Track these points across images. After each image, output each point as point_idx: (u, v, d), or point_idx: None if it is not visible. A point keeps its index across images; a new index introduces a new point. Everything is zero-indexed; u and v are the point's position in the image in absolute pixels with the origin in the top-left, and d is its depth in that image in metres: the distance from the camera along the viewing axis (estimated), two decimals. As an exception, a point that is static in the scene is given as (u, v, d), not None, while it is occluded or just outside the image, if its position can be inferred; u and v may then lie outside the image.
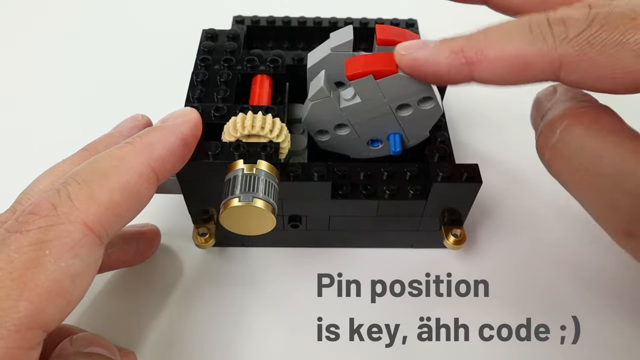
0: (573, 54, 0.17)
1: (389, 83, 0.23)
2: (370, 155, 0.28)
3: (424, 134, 0.26)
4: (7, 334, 0.15)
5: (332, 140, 0.27)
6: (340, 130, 0.26)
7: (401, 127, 0.26)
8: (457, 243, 0.27)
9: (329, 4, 0.39)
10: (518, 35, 0.18)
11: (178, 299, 0.27)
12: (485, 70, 0.19)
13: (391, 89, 0.23)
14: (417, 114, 0.25)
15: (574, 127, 0.18)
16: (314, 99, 0.25)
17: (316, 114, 0.26)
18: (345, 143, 0.27)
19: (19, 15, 0.44)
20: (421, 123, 0.25)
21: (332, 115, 0.25)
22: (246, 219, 0.22)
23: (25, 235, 0.17)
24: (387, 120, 0.25)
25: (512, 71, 0.18)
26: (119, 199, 0.18)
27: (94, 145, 0.24)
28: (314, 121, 0.26)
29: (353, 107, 0.25)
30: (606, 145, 0.18)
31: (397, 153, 0.26)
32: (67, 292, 0.17)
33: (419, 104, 0.24)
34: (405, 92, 0.24)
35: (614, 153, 0.17)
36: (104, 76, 0.39)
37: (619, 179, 0.17)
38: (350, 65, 0.24)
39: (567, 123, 0.19)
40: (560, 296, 0.28)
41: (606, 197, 0.18)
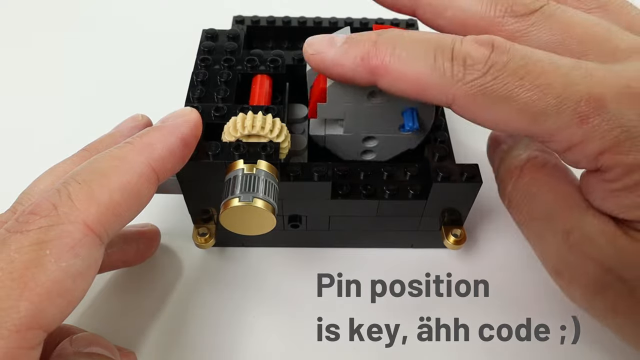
0: (465, 96, 0.18)
1: (333, 96, 0.24)
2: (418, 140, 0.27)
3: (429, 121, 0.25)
4: (8, 334, 0.15)
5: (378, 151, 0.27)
6: (370, 142, 0.26)
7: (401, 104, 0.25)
8: (457, 243, 0.27)
9: (329, 4, 0.39)
10: (423, 61, 0.19)
11: (178, 298, 0.27)
12: (387, 83, 0.20)
13: (341, 96, 0.24)
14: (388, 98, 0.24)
15: (522, 179, 0.21)
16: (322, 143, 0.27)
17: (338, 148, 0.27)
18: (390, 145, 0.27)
19: (19, 15, 0.44)
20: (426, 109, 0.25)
21: (347, 141, 0.26)
22: (246, 219, 0.22)
23: (26, 235, 0.17)
24: (382, 109, 0.25)
25: (412, 91, 0.19)
26: (120, 199, 0.18)
27: (95, 145, 0.24)
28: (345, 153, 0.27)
29: (347, 125, 0.26)
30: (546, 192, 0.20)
31: (412, 129, 0.25)
32: (67, 292, 0.17)
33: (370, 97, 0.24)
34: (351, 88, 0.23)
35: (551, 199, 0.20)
36: (104, 76, 0.39)
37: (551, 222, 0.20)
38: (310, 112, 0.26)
39: (518, 175, 0.21)
40: (560, 296, 0.27)
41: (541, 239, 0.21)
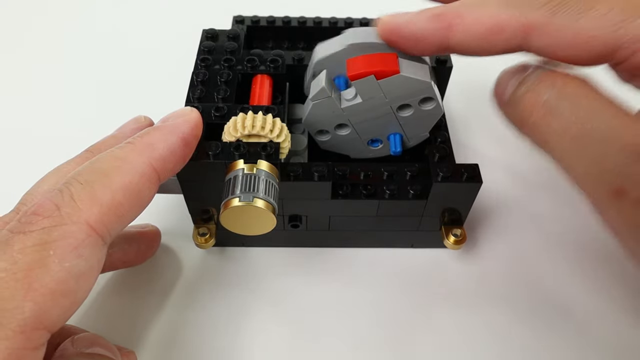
0: (541, 20, 0.18)
1: (390, 83, 0.23)
2: (370, 155, 0.28)
3: (423, 134, 0.26)
4: (12, 334, 0.15)
5: (332, 140, 0.27)
6: (341, 130, 0.26)
7: (401, 127, 0.26)
8: (457, 243, 0.27)
9: (329, 4, 0.39)
10: (494, 2, 0.19)
11: (178, 298, 0.27)
12: (461, 33, 0.20)
13: (393, 89, 0.24)
14: (418, 114, 0.25)
15: (568, 85, 0.18)
16: (315, 99, 0.25)
17: (317, 114, 0.26)
18: (345, 143, 0.27)
19: (19, 15, 0.44)
20: (422, 123, 0.25)
21: (333, 115, 0.25)
22: (246, 218, 0.22)
23: (29, 236, 0.17)
24: (388, 120, 0.25)
25: (486, 35, 0.19)
26: (122, 199, 0.18)
27: (98, 146, 0.24)
28: (314, 121, 0.26)
29: (354, 107, 0.25)
30: (599, 104, 0.18)
31: (397, 153, 0.26)
32: (71, 293, 0.17)
33: (420, 104, 0.24)
34: (407, 92, 0.24)
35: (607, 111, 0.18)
36: (104, 76, 0.39)
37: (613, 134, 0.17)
38: (352, 66, 0.24)
39: (561, 81, 0.19)
40: (560, 295, 0.28)
41: (598, 154, 0.18)
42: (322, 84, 0.24)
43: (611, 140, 0.17)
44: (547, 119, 0.18)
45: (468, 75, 0.34)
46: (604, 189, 0.18)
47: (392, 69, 0.23)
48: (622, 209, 0.17)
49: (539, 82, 0.19)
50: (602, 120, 0.17)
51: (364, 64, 0.24)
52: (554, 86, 0.19)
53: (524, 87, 0.20)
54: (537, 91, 0.19)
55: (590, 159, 0.18)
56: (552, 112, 0.18)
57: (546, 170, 0.33)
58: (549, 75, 0.19)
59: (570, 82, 0.19)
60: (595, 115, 0.18)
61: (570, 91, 0.18)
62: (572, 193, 0.32)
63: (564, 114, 0.18)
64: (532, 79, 0.20)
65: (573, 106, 0.18)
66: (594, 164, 0.18)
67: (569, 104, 0.18)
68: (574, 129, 0.18)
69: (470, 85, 0.37)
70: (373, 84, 0.23)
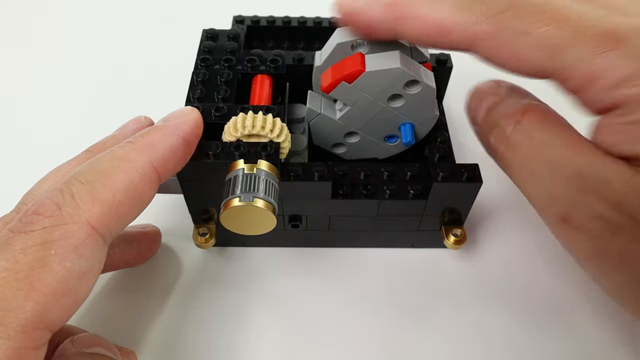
0: (487, 32, 0.19)
1: (363, 82, 0.24)
2: (395, 151, 0.28)
3: (433, 115, 0.26)
4: (14, 334, 0.15)
5: (350, 149, 0.27)
6: (351, 138, 0.27)
7: (405, 117, 0.25)
8: (457, 243, 0.27)
9: (329, 4, 0.39)
10: (448, 3, 0.19)
11: (178, 298, 0.27)
12: (410, 28, 0.20)
13: (369, 86, 0.24)
14: (411, 99, 0.24)
15: (529, 119, 0.20)
16: (309, 119, 0.26)
17: (320, 132, 0.26)
18: (363, 148, 0.27)
19: (19, 15, 0.44)
20: (422, 105, 0.25)
21: (335, 128, 0.26)
22: (247, 218, 0.22)
23: (30, 236, 0.17)
24: (389, 114, 0.25)
25: (433, 35, 0.20)
26: (122, 198, 0.18)
27: (99, 146, 0.24)
28: (322, 137, 0.27)
29: (347, 114, 0.25)
30: (552, 135, 0.19)
31: (410, 143, 0.26)
32: (72, 292, 0.17)
33: (406, 89, 0.24)
34: (384, 84, 0.24)
35: (558, 142, 0.19)
36: (104, 76, 0.39)
37: (559, 165, 0.19)
38: (324, 79, 0.25)
39: (524, 117, 0.20)
40: (561, 295, 0.28)
41: (547, 184, 0.19)
42: (307, 105, 0.25)
43: (558, 171, 0.19)
44: (509, 152, 0.20)
45: (468, 76, 0.34)
46: (554, 216, 0.19)
47: (357, 69, 0.23)
48: (569, 234, 0.19)
49: (506, 116, 0.21)
50: (553, 152, 0.19)
51: (333, 73, 0.24)
52: (516, 122, 0.20)
53: (494, 117, 0.21)
54: (504, 126, 0.21)
55: (543, 188, 0.19)
56: (512, 146, 0.20)
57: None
58: (515, 110, 0.20)
59: (531, 116, 0.20)
60: (547, 147, 0.19)
61: (529, 125, 0.20)
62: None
63: (521, 147, 0.20)
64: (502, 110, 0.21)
65: (529, 140, 0.20)
66: (545, 193, 0.19)
67: (526, 138, 0.20)
68: (529, 161, 0.20)
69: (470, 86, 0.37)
70: (349, 89, 0.24)
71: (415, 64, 0.24)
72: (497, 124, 0.21)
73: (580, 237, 0.19)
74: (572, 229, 0.19)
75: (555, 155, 0.19)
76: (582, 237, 0.19)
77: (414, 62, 0.24)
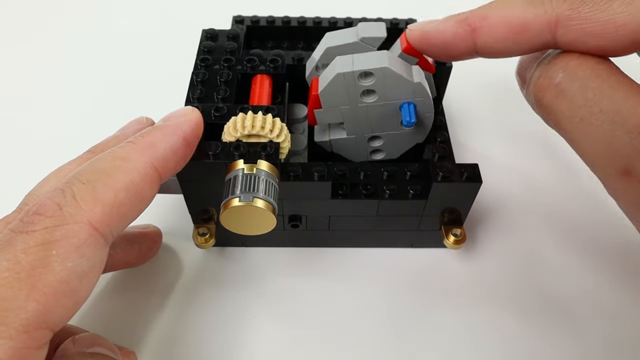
0: (566, 13, 0.18)
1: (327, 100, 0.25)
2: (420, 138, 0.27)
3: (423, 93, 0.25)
4: (16, 334, 0.16)
5: (386, 149, 0.27)
6: (376, 142, 0.27)
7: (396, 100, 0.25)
8: (457, 243, 0.27)
9: (329, 4, 0.39)
10: (518, 2, 0.19)
11: (178, 298, 0.27)
12: (487, 34, 0.20)
13: (335, 99, 0.25)
14: (381, 87, 0.24)
15: (581, 66, 0.19)
16: (331, 150, 0.27)
17: (347, 153, 0.27)
18: (396, 141, 0.27)
19: (19, 15, 0.44)
20: (400, 89, 0.24)
21: (353, 143, 0.27)
22: (246, 218, 0.22)
23: (32, 236, 0.17)
24: (383, 108, 0.25)
25: (511, 35, 0.19)
26: (124, 198, 0.18)
27: (100, 147, 0.24)
28: (354, 155, 0.27)
29: (349, 128, 0.26)
30: (610, 85, 0.18)
31: (411, 124, 0.24)
32: (74, 292, 0.17)
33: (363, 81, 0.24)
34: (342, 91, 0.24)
35: (617, 92, 0.18)
36: (104, 76, 0.39)
37: (620, 116, 0.17)
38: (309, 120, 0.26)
39: (574, 62, 0.19)
40: (560, 294, 0.28)
41: (606, 135, 0.18)
42: (315, 139, 0.27)
43: (619, 122, 0.17)
44: (558, 101, 0.19)
45: (468, 76, 0.34)
46: (612, 169, 0.18)
47: (313, 95, 0.25)
48: (630, 188, 0.18)
49: (553, 64, 0.19)
50: (611, 102, 0.18)
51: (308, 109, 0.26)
52: (566, 68, 0.19)
53: (540, 68, 0.20)
54: (550, 73, 0.19)
55: (599, 140, 0.18)
56: (563, 94, 0.19)
57: (546, 169, 0.33)
58: (563, 57, 0.19)
59: (583, 64, 0.19)
60: (604, 97, 0.18)
61: (582, 73, 0.18)
62: (572, 192, 0.32)
63: (574, 97, 0.18)
64: (547, 60, 0.20)
65: (583, 88, 0.18)
66: (602, 145, 0.18)
67: (579, 86, 0.18)
68: (583, 111, 0.18)
69: (470, 86, 0.37)
70: (324, 112, 0.25)
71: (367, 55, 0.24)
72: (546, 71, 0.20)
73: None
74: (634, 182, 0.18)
75: (615, 106, 0.18)
76: None
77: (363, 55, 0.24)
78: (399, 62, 0.24)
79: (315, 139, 0.27)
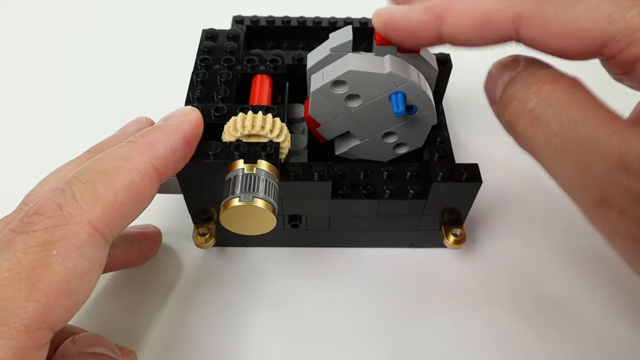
0: (531, 10, 0.18)
1: (318, 114, 0.25)
2: None
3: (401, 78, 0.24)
4: (16, 334, 0.16)
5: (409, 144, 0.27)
6: (389, 138, 0.27)
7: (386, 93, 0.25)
8: (457, 243, 0.27)
9: (329, 4, 0.39)
10: None
11: (178, 298, 0.27)
12: (451, 25, 0.19)
13: (324, 113, 0.25)
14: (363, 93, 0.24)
15: (555, 91, 0.18)
16: (354, 157, 0.27)
17: (370, 154, 0.27)
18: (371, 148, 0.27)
19: (19, 15, 0.44)
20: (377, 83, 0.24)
21: (372, 144, 0.27)
22: (246, 218, 0.22)
23: (32, 236, 0.17)
24: (376, 106, 0.25)
25: (475, 26, 0.19)
26: (124, 198, 0.18)
27: (100, 147, 0.24)
28: (376, 154, 0.27)
29: (358, 134, 0.26)
30: (584, 112, 0.17)
31: (401, 113, 0.24)
32: (74, 292, 0.17)
33: (336, 89, 0.24)
34: (326, 107, 0.25)
35: (591, 119, 0.17)
36: (104, 76, 0.39)
37: (594, 145, 0.17)
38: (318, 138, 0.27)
39: (548, 87, 0.18)
40: (560, 294, 0.28)
41: (581, 164, 0.17)
42: (336, 153, 0.28)
43: (594, 151, 0.17)
44: (532, 128, 0.18)
45: (468, 75, 0.34)
46: (589, 198, 0.18)
47: (306, 117, 0.26)
48: (607, 217, 0.17)
49: (526, 88, 0.19)
50: (586, 130, 0.17)
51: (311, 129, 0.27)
52: (539, 93, 0.18)
53: (512, 90, 0.19)
54: (523, 98, 0.19)
55: (575, 169, 0.18)
56: (537, 120, 0.18)
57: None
58: (536, 81, 0.18)
59: (557, 89, 0.18)
60: (579, 124, 0.17)
61: (556, 99, 0.18)
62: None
63: (548, 123, 0.18)
64: (520, 82, 0.19)
65: (557, 115, 0.18)
66: (578, 174, 0.18)
67: (554, 113, 0.18)
68: (558, 139, 0.18)
69: (470, 85, 0.37)
70: (325, 127, 0.26)
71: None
72: (519, 97, 0.19)
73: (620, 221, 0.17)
74: (611, 212, 0.17)
75: (589, 134, 0.17)
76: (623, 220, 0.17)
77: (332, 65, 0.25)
78: (365, 60, 0.24)
79: (336, 152, 0.27)
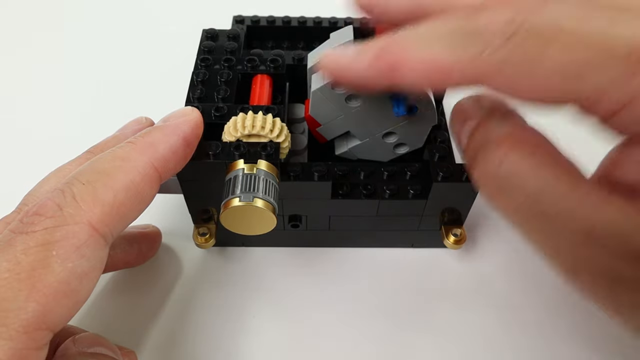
0: (491, 69, 0.16)
1: (319, 114, 0.25)
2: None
3: None
4: (16, 334, 0.16)
5: (410, 144, 0.27)
6: (390, 138, 0.26)
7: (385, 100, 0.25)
8: (457, 243, 0.27)
9: (328, 4, 0.39)
10: (439, 43, 0.17)
11: (178, 298, 0.27)
12: (407, 77, 0.18)
13: (326, 113, 0.25)
14: None
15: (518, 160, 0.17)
16: (355, 157, 0.27)
17: (372, 154, 0.27)
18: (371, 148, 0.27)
19: (19, 15, 0.44)
20: None
21: (374, 143, 0.26)
22: (247, 218, 0.22)
23: (32, 236, 0.17)
24: (377, 105, 0.25)
25: (433, 79, 0.17)
26: (123, 199, 0.18)
27: (100, 147, 0.24)
28: (378, 154, 0.27)
29: (358, 133, 0.26)
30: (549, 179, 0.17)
31: (399, 114, 0.24)
32: (74, 293, 0.17)
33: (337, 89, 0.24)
34: (327, 106, 0.24)
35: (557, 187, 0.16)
36: (105, 76, 0.39)
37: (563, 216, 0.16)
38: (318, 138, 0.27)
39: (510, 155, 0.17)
40: (559, 295, 0.28)
41: (551, 234, 0.17)
42: (336, 153, 0.27)
43: (563, 221, 0.16)
44: (499, 195, 0.18)
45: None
46: (561, 266, 0.17)
47: (306, 117, 0.25)
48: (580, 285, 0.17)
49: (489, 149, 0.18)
50: (552, 200, 0.16)
51: (312, 130, 0.26)
52: (503, 160, 0.17)
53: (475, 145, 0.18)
54: (485, 162, 0.18)
55: (544, 236, 0.17)
56: (503, 190, 0.17)
57: None
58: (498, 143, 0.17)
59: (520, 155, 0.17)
60: (545, 194, 0.16)
61: (519, 167, 0.17)
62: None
63: (513, 194, 0.17)
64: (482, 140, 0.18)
65: (522, 186, 0.17)
66: (548, 241, 0.17)
67: (519, 183, 0.17)
68: (525, 208, 0.17)
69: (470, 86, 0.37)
70: (326, 128, 0.26)
71: None
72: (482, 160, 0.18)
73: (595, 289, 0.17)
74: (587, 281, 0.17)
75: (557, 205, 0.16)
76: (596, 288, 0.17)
77: None
78: None
79: (336, 152, 0.27)
